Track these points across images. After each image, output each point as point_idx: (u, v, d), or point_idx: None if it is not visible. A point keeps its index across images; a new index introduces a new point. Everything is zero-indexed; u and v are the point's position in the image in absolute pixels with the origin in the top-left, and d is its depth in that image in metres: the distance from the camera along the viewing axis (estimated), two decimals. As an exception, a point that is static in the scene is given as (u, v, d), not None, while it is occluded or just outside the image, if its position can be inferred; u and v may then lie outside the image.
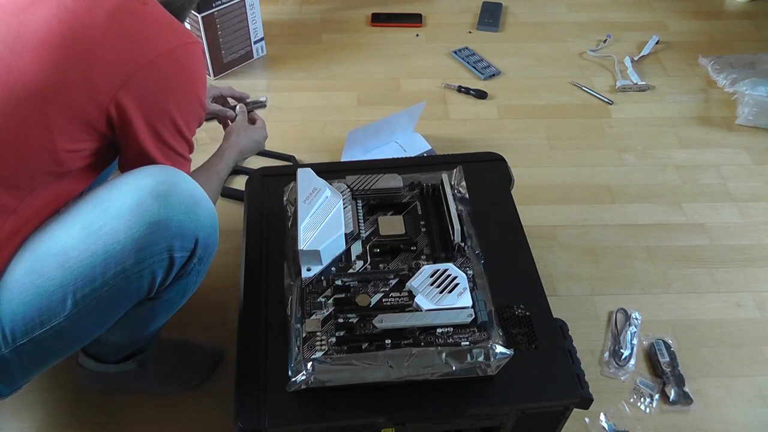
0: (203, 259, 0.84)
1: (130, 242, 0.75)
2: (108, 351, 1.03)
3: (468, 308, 0.84)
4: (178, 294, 0.87)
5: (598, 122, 1.68)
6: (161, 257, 0.77)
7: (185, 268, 0.82)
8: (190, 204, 0.79)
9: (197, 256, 0.82)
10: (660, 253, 1.37)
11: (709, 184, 1.52)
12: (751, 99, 1.64)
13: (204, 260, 0.84)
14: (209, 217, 0.82)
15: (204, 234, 0.81)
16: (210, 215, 0.82)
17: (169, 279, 0.81)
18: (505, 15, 2.07)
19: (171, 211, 0.77)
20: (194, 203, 0.80)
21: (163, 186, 0.77)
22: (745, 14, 2.10)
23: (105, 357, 1.04)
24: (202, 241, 0.81)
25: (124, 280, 0.76)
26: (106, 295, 0.77)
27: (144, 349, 1.03)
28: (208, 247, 0.83)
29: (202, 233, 0.80)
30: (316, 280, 0.89)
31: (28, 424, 1.07)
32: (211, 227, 0.82)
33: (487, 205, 1.07)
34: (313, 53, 1.88)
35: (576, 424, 1.08)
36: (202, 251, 0.82)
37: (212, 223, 0.83)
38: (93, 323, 0.80)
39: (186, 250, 0.80)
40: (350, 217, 0.96)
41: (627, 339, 1.19)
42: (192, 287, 0.88)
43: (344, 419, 0.82)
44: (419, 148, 1.56)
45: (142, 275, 0.77)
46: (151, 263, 0.77)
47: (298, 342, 0.82)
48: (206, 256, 0.84)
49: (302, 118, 1.66)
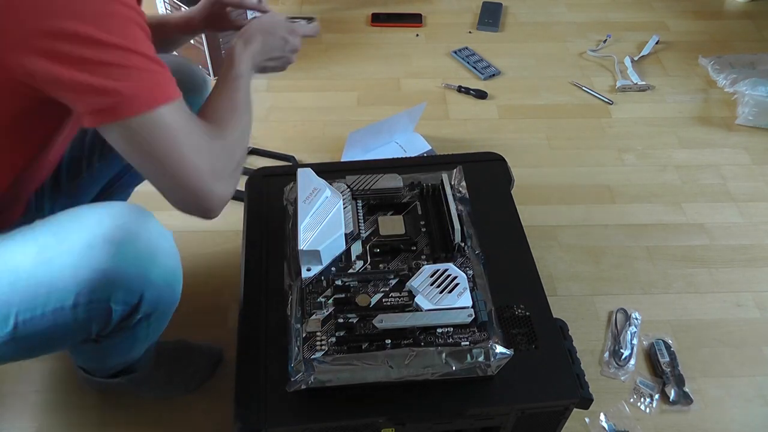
0: (151, 315, 0.79)
1: (73, 283, 0.71)
2: (92, 368, 1.02)
3: (468, 308, 0.84)
4: (126, 342, 0.83)
5: (598, 122, 1.68)
6: (99, 306, 0.73)
7: (127, 321, 0.78)
8: (144, 257, 0.74)
9: (142, 311, 0.77)
10: (660, 253, 1.37)
11: (709, 184, 1.52)
12: (751, 99, 1.64)
13: (154, 316, 0.80)
14: (163, 274, 0.76)
15: (152, 291, 0.76)
16: (165, 272, 0.77)
17: (108, 329, 0.78)
18: (505, 15, 2.07)
19: (119, 261, 0.72)
20: (149, 257, 0.74)
21: (121, 232, 0.72)
22: (745, 14, 2.10)
23: (92, 372, 1.03)
24: (148, 298, 0.76)
25: (62, 317, 0.73)
26: (46, 326, 0.74)
27: (133, 370, 1.02)
28: (158, 304, 0.78)
29: (150, 290, 0.75)
30: (316, 280, 0.89)
31: (28, 424, 1.07)
32: (163, 284, 0.77)
33: (487, 205, 1.07)
34: (313, 53, 1.88)
35: (576, 424, 1.08)
36: (148, 307, 0.77)
37: (166, 281, 0.77)
38: (34, 346, 0.78)
39: (127, 304, 0.75)
40: (350, 217, 0.96)
41: (627, 339, 1.19)
42: (144, 339, 0.85)
43: (344, 419, 0.82)
44: (419, 148, 1.55)
45: (78, 318, 0.74)
46: (88, 309, 0.73)
47: (298, 342, 0.82)
48: (157, 313, 0.80)
49: (302, 118, 1.66)
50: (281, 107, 1.69)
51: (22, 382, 1.13)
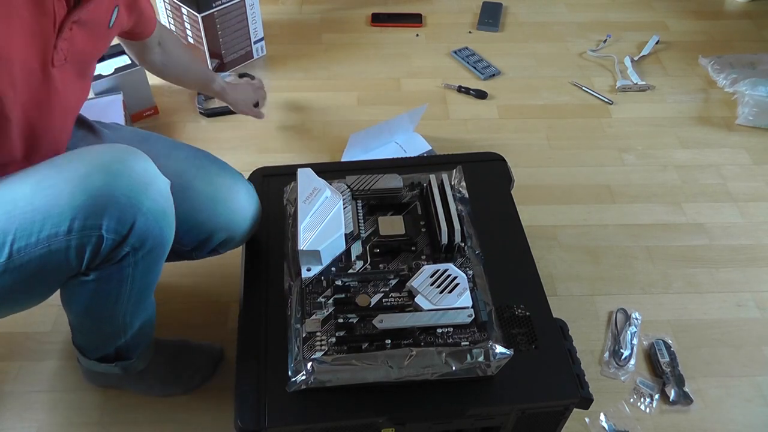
0: (139, 250, 0.80)
1: (68, 208, 0.74)
2: (86, 342, 1.03)
3: (468, 308, 0.84)
4: (113, 281, 0.84)
5: (598, 122, 1.68)
6: (91, 232, 0.75)
7: (115, 252, 0.78)
8: (137, 188, 0.75)
9: (129, 243, 0.78)
10: (660, 253, 1.37)
11: (709, 184, 1.52)
12: (751, 99, 1.64)
13: (141, 252, 0.80)
14: (154, 208, 0.77)
15: (142, 222, 0.77)
16: (155, 207, 0.78)
17: (98, 259, 0.78)
18: (505, 15, 2.07)
19: (114, 188, 0.74)
20: (142, 188, 0.76)
21: (118, 164, 0.75)
22: (745, 14, 2.10)
23: (87, 350, 1.04)
24: (138, 227, 0.77)
25: (56, 243, 0.75)
26: (39, 254, 0.76)
27: (128, 357, 1.03)
28: (146, 238, 0.79)
29: (140, 220, 0.76)
30: (316, 280, 0.89)
31: (28, 424, 1.07)
32: (153, 219, 0.78)
33: (487, 205, 1.07)
34: (313, 53, 1.88)
35: (576, 424, 1.08)
36: (136, 240, 0.78)
37: (155, 216, 0.78)
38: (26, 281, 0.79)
39: (118, 233, 0.76)
40: (350, 217, 0.96)
41: (627, 339, 1.19)
42: (130, 280, 0.85)
43: (344, 419, 0.82)
44: (419, 148, 1.56)
45: (71, 244, 0.75)
46: (81, 236, 0.75)
47: (298, 342, 0.82)
48: (144, 249, 0.80)
49: (302, 118, 1.66)
50: (281, 107, 1.69)
51: (22, 382, 1.13)
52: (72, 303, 0.92)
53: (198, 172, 0.96)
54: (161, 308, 1.02)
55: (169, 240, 0.83)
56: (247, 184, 1.01)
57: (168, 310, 1.21)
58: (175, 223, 0.83)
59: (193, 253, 0.99)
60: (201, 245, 0.97)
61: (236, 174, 1.00)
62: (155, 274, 0.89)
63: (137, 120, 1.62)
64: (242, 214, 0.98)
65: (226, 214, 0.96)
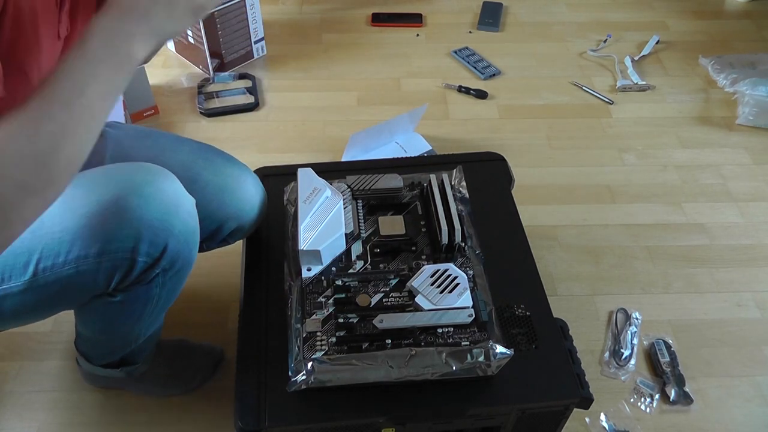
0: (168, 271, 0.80)
1: (100, 231, 0.74)
2: (92, 351, 1.03)
3: (468, 308, 0.84)
4: (139, 301, 0.84)
5: (599, 122, 1.68)
6: (124, 256, 0.75)
7: (146, 275, 0.79)
8: (169, 210, 0.76)
9: (161, 266, 0.78)
10: (660, 253, 1.37)
11: (710, 184, 1.52)
12: (751, 99, 1.64)
13: (170, 273, 0.81)
14: (185, 229, 0.78)
15: (175, 244, 0.77)
16: (186, 228, 0.78)
17: (128, 281, 0.79)
18: (506, 15, 2.07)
19: (147, 211, 0.74)
20: (173, 210, 0.76)
21: (148, 186, 0.75)
22: (745, 14, 2.10)
23: (92, 357, 1.04)
24: (171, 250, 0.77)
25: (84, 264, 0.75)
26: (65, 275, 0.76)
27: (133, 362, 1.03)
28: (177, 259, 0.79)
29: (173, 242, 0.77)
30: (317, 280, 0.89)
31: (28, 424, 1.07)
32: (183, 240, 0.78)
33: (487, 205, 1.07)
34: (313, 53, 1.88)
35: (576, 424, 1.08)
36: (167, 262, 0.78)
37: (186, 237, 0.79)
38: (49, 299, 0.79)
39: (151, 256, 0.76)
40: (350, 217, 0.96)
41: (627, 339, 1.19)
42: (156, 300, 0.85)
43: (344, 419, 0.82)
44: (419, 148, 1.55)
45: (101, 267, 0.76)
46: (112, 258, 0.75)
47: (298, 342, 0.82)
48: (173, 269, 0.81)
49: (302, 118, 1.66)
50: (281, 107, 1.69)
51: (22, 382, 1.13)
52: (91, 320, 0.91)
53: (205, 164, 0.96)
54: (161, 308, 1.02)
55: (194, 258, 0.83)
56: (253, 174, 1.01)
57: (168, 310, 1.20)
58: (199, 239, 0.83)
59: (204, 243, 0.99)
60: (212, 235, 0.97)
61: (242, 165, 1.01)
62: (178, 291, 0.89)
63: (137, 120, 1.62)
64: (250, 202, 0.98)
65: (235, 203, 0.96)
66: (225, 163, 0.98)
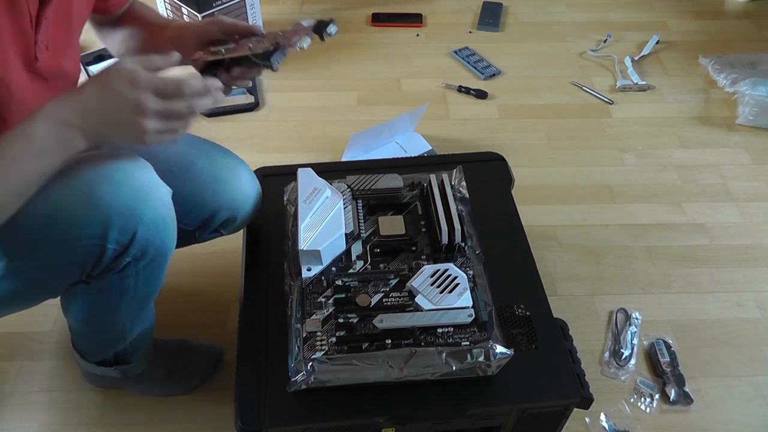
0: (141, 260, 0.80)
1: (71, 218, 0.73)
2: (84, 346, 1.03)
3: (468, 308, 0.84)
4: (114, 290, 0.84)
5: (599, 122, 1.68)
6: (94, 242, 0.75)
7: (117, 263, 0.78)
8: (138, 197, 0.75)
9: (131, 254, 0.78)
10: (660, 253, 1.37)
11: (709, 184, 1.52)
12: (751, 99, 1.64)
13: (143, 262, 0.80)
14: (155, 217, 0.77)
15: (145, 231, 0.76)
16: (156, 216, 0.77)
17: (99, 268, 0.79)
18: (506, 15, 2.07)
19: (116, 199, 0.74)
20: (143, 198, 0.75)
21: (120, 173, 0.75)
22: (745, 14, 2.10)
23: (86, 354, 1.04)
24: (140, 238, 0.76)
25: (58, 251, 0.75)
26: (43, 261, 0.76)
27: (127, 361, 1.03)
28: (148, 248, 0.79)
29: (143, 230, 0.76)
30: (317, 280, 0.89)
31: (28, 424, 1.07)
32: (154, 229, 0.77)
33: (487, 205, 1.07)
34: (313, 53, 1.88)
35: (576, 424, 1.08)
36: (138, 250, 0.78)
37: (156, 226, 0.78)
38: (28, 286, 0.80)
39: (120, 243, 0.76)
40: (350, 217, 0.96)
41: (627, 339, 1.19)
42: (132, 290, 0.85)
43: (344, 419, 0.82)
44: (419, 148, 1.55)
45: (73, 254, 0.76)
46: (83, 245, 0.75)
47: (298, 342, 0.82)
48: (146, 259, 0.80)
49: (302, 118, 1.66)
50: (281, 107, 1.69)
51: (22, 382, 1.13)
52: (71, 310, 0.92)
53: (200, 153, 0.97)
54: (161, 308, 1.02)
55: (170, 249, 0.83)
56: (248, 167, 1.01)
57: (168, 310, 1.21)
58: (176, 232, 0.83)
59: (196, 233, 0.99)
60: (204, 224, 0.97)
61: (237, 157, 1.00)
62: (157, 284, 0.89)
63: (137, 120, 1.62)
64: (244, 193, 0.98)
65: (228, 192, 0.96)
66: (220, 153, 0.99)
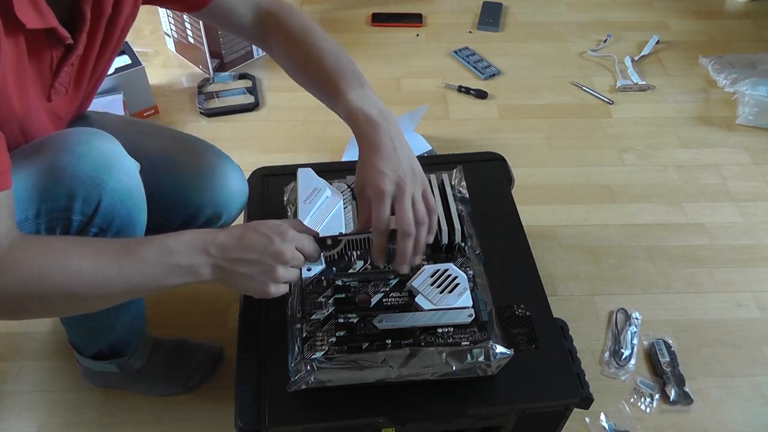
0: (107, 231, 0.78)
1: (35, 192, 0.73)
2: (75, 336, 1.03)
3: (468, 308, 0.84)
4: None
5: (599, 122, 1.68)
6: (59, 215, 0.75)
7: (83, 234, 0.77)
8: (101, 167, 0.75)
9: (96, 223, 0.76)
10: (660, 253, 1.37)
11: (710, 184, 1.52)
12: (751, 99, 1.64)
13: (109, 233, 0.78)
14: (119, 187, 0.76)
15: (109, 200, 0.75)
16: (120, 186, 0.76)
17: None
18: (506, 15, 2.07)
19: (78, 169, 0.74)
20: (106, 168, 0.75)
21: (82, 146, 0.75)
22: (745, 14, 2.10)
23: (80, 347, 1.04)
24: (104, 207, 0.75)
25: (26, 227, 0.75)
26: None
27: (122, 353, 1.03)
28: (113, 218, 0.77)
29: (107, 199, 0.75)
30: (317, 280, 0.89)
31: (28, 424, 1.07)
32: (118, 198, 0.76)
33: (487, 205, 1.07)
34: (313, 53, 1.87)
35: (576, 424, 1.08)
36: (102, 220, 0.76)
37: (121, 195, 0.76)
38: None
39: (85, 214, 0.75)
40: (350, 217, 0.96)
41: (627, 339, 1.19)
42: None
43: (344, 419, 0.82)
44: (419, 148, 1.55)
45: (40, 228, 0.75)
46: (49, 218, 0.75)
47: (298, 342, 0.82)
48: (112, 229, 0.78)
49: (302, 118, 1.66)
50: (281, 107, 1.69)
51: (22, 382, 1.13)
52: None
53: (184, 150, 0.96)
54: (161, 308, 1.02)
55: (138, 221, 0.81)
56: (234, 164, 1.00)
57: (168, 310, 1.21)
58: (145, 205, 0.82)
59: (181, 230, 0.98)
60: (188, 222, 0.97)
61: (224, 154, 0.99)
62: None
63: (137, 120, 1.62)
64: (228, 189, 0.97)
65: (211, 189, 0.95)
66: (205, 149, 0.98)
